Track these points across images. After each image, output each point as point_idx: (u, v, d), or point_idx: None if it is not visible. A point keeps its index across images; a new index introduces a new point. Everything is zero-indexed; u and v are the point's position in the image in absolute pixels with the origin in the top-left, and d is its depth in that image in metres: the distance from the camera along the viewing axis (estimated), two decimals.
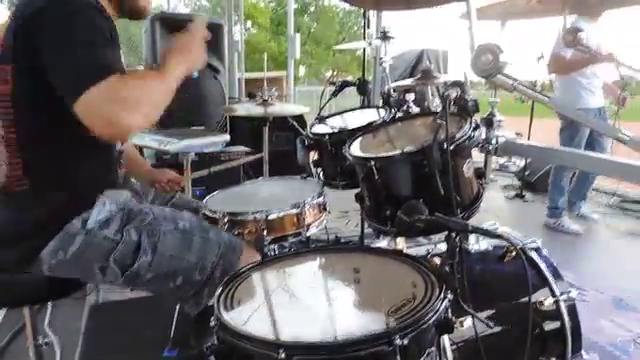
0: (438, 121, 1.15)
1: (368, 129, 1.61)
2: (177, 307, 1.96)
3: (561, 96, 3.64)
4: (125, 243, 1.25)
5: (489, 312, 1.37)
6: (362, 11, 7.00)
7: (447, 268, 1.03)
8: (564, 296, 1.43)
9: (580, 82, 3.54)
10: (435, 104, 2.79)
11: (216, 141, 2.88)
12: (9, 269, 1.26)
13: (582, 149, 3.56)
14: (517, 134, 3.47)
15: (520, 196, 4.84)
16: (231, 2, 7.04)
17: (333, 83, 2.31)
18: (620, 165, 1.12)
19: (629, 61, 3.04)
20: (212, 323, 0.92)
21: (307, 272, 1.19)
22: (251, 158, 2.26)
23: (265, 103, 2.32)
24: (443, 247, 1.08)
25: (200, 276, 1.32)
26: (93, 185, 1.31)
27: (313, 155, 1.89)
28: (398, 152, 1.28)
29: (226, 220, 1.52)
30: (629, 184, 4.26)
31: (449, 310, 0.92)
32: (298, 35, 8.06)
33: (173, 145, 2.50)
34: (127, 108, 1.08)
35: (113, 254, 1.24)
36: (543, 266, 1.47)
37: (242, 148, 3.70)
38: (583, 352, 1.46)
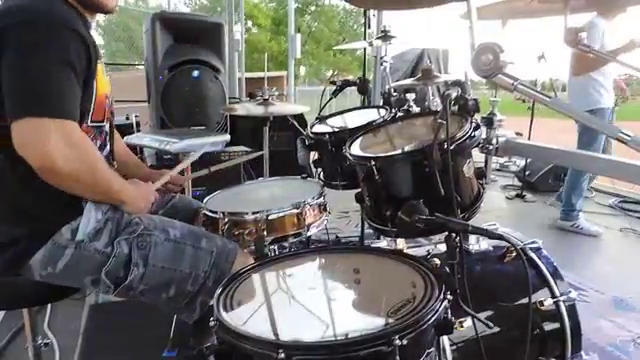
0: (439, 121, 1.15)
1: (368, 129, 1.61)
2: None
3: (578, 96, 3.56)
4: (116, 257, 1.24)
5: (489, 312, 1.37)
6: (362, 11, 7.00)
7: (447, 268, 1.03)
8: (564, 296, 1.43)
9: (598, 80, 3.48)
10: (435, 104, 2.79)
11: (216, 141, 2.87)
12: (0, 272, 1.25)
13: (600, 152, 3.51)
14: (517, 134, 3.46)
15: (520, 196, 4.83)
16: (231, 1, 7.04)
17: (334, 83, 2.30)
18: (620, 165, 1.11)
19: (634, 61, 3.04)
20: (212, 323, 0.92)
21: (307, 272, 1.19)
22: (251, 156, 2.26)
23: (265, 103, 2.31)
24: (443, 247, 1.08)
25: (193, 286, 1.31)
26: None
27: (313, 155, 1.89)
28: (398, 152, 1.28)
29: (226, 220, 1.52)
30: (629, 184, 4.25)
31: (449, 311, 0.91)
32: (299, 35, 8.07)
33: (174, 145, 2.50)
34: (70, 157, 1.10)
35: (104, 268, 1.23)
36: (543, 266, 1.47)
37: (243, 148, 3.70)
38: (583, 352, 1.46)
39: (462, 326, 1.15)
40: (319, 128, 1.93)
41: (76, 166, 1.13)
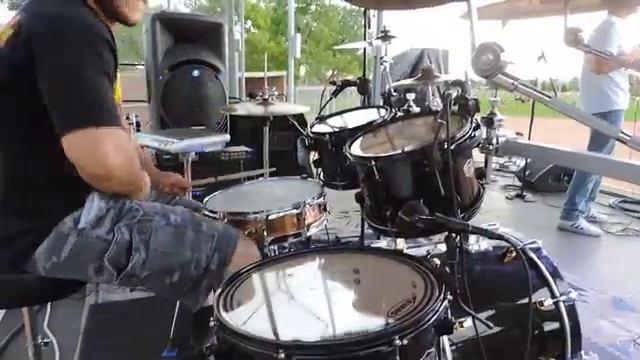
0: (439, 121, 1.15)
1: (368, 129, 1.61)
2: (176, 307, 1.96)
3: (594, 97, 3.50)
4: (117, 243, 1.25)
5: (489, 312, 1.37)
6: (363, 11, 7.00)
7: (447, 268, 1.03)
8: (564, 296, 1.43)
9: (615, 81, 3.42)
10: (436, 104, 2.79)
11: (216, 141, 2.88)
12: (3, 269, 1.25)
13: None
14: (518, 134, 3.45)
15: (520, 196, 4.83)
16: (231, 1, 7.03)
17: (334, 83, 2.30)
18: (620, 165, 1.11)
19: None
20: (212, 323, 0.92)
21: (307, 272, 1.19)
22: (256, 172, 2.29)
23: (265, 103, 2.31)
24: (443, 247, 1.08)
25: (196, 270, 1.31)
26: (82, 186, 1.30)
27: (313, 155, 1.89)
28: (399, 152, 1.28)
29: (226, 220, 1.53)
30: (629, 184, 4.25)
31: (449, 311, 0.91)
32: (299, 35, 8.06)
33: (174, 145, 2.50)
34: (123, 163, 1.15)
35: (107, 254, 1.24)
36: (543, 267, 1.47)
37: (242, 148, 3.70)
38: (583, 352, 1.46)
39: (462, 326, 1.15)
40: (319, 128, 1.93)
41: (127, 171, 1.18)
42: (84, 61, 1.14)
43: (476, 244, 1.53)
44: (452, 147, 1.15)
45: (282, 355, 0.79)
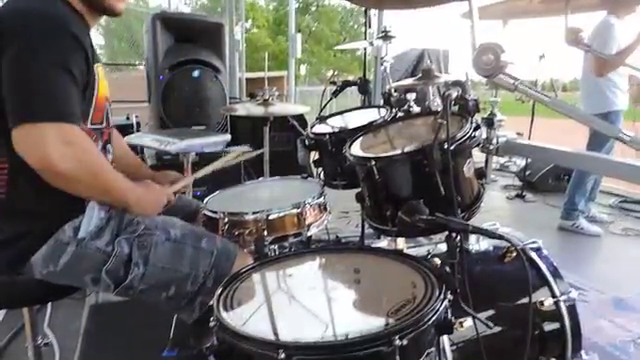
0: (439, 121, 1.15)
1: (369, 129, 1.61)
2: None
3: (594, 98, 3.52)
4: (117, 256, 1.24)
5: (489, 312, 1.37)
6: (363, 10, 7.00)
7: (447, 268, 1.03)
8: (564, 296, 1.43)
9: (613, 81, 3.43)
10: (436, 104, 2.78)
11: (217, 141, 2.88)
12: (1, 270, 1.25)
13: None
14: (518, 134, 3.45)
15: (521, 196, 4.83)
16: (231, 1, 7.04)
17: (334, 83, 2.30)
18: (620, 165, 1.11)
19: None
20: (212, 323, 0.92)
21: (307, 272, 1.19)
22: (253, 154, 2.28)
23: (266, 103, 2.31)
24: (444, 247, 1.08)
25: (192, 286, 1.31)
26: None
27: (314, 155, 1.88)
28: (399, 152, 1.28)
29: (226, 220, 1.52)
30: (629, 184, 4.25)
31: (449, 311, 0.91)
32: (299, 34, 8.05)
33: (174, 145, 2.50)
34: (66, 154, 1.10)
35: (105, 267, 1.24)
36: (543, 266, 1.46)
37: (243, 148, 3.70)
38: (583, 352, 1.46)
39: (462, 326, 1.15)
40: (319, 128, 1.93)
41: (75, 165, 1.12)
42: (38, 56, 1.11)
43: (476, 244, 1.53)
44: (452, 147, 1.15)
45: (282, 355, 0.79)
